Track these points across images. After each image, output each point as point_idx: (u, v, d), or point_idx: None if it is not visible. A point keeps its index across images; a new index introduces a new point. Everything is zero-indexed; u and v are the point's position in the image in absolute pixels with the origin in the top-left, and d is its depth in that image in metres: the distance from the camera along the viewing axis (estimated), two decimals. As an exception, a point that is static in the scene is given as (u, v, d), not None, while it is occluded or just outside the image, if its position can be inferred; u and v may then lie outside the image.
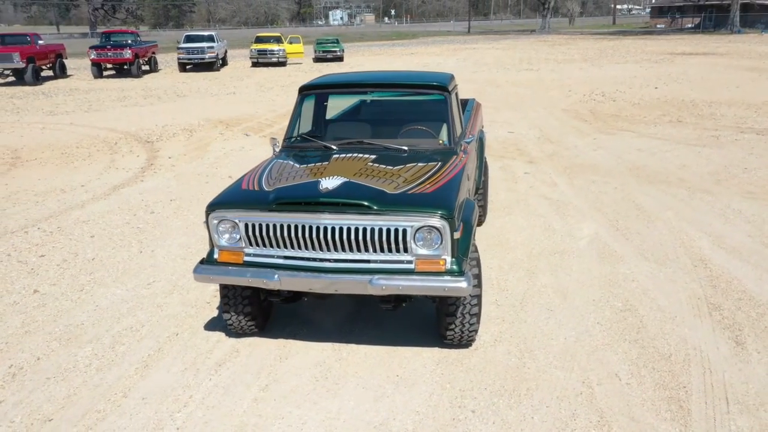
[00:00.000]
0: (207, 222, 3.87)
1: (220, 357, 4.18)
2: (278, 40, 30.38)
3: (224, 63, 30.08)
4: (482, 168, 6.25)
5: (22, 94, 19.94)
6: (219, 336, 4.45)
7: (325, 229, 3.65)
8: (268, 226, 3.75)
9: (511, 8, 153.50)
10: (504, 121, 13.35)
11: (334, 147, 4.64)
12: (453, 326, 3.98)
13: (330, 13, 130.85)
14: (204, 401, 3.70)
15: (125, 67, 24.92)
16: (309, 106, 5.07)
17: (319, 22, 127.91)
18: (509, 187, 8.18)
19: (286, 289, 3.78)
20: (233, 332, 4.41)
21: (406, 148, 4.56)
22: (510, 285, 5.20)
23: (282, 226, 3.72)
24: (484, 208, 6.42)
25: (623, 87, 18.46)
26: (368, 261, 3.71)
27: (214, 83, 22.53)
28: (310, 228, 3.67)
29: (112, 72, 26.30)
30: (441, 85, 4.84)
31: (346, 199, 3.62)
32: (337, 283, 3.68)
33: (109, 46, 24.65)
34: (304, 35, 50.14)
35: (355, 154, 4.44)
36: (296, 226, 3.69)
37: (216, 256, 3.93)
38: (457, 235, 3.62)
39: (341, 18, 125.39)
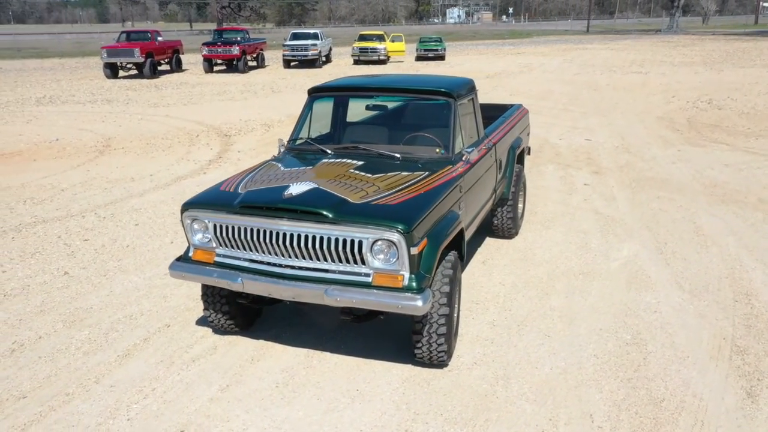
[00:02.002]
0: (182, 220, 3.96)
1: (197, 352, 4.27)
2: (380, 38, 30.70)
3: (328, 60, 30.89)
4: (511, 178, 5.93)
5: (138, 87, 21.60)
6: (205, 332, 4.55)
7: (284, 235, 3.62)
8: (233, 229, 3.78)
9: (640, 6, 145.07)
10: (586, 127, 12.62)
11: (329, 151, 4.59)
12: (420, 344, 3.82)
13: (447, 11, 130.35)
14: (164, 395, 3.79)
15: (234, 62, 26.25)
16: (317, 108, 5.04)
17: (435, 20, 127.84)
18: (561, 198, 7.71)
19: (248, 292, 3.79)
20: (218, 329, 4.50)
21: (398, 155, 4.42)
22: (515, 305, 4.90)
23: (245, 230, 3.73)
24: (513, 221, 6.09)
25: (737, 94, 16.84)
26: (327, 270, 3.63)
27: (311, 80, 23.14)
28: (270, 233, 3.65)
29: (223, 67, 27.82)
30: (445, 91, 4.63)
31: (303, 206, 3.56)
32: (295, 291, 3.64)
33: (219, 43, 26.11)
34: (417, 33, 50.45)
35: (343, 160, 4.36)
36: (258, 231, 3.69)
37: (191, 254, 4.01)
38: (414, 250, 3.45)
39: (458, 16, 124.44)
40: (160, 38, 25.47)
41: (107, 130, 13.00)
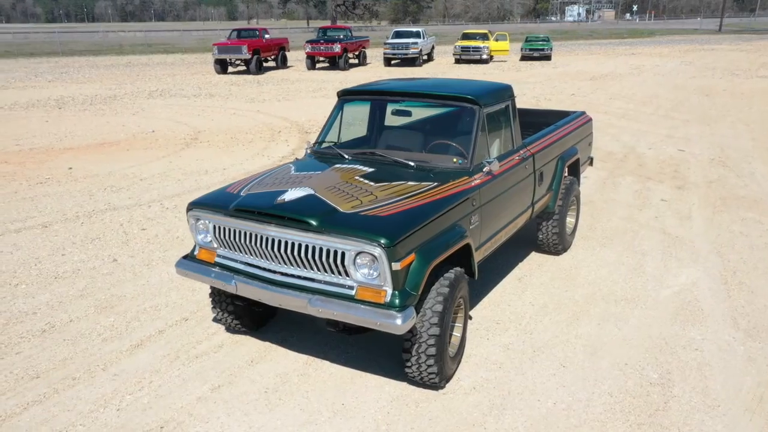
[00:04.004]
0: (187, 219, 4.04)
1: (203, 349, 4.35)
2: (484, 37, 30.11)
3: (429, 59, 30.76)
4: (558, 190, 5.55)
5: (242, 82, 22.63)
6: (217, 329, 4.62)
7: (272, 240, 3.59)
8: (229, 231, 3.80)
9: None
10: (683, 136, 11.63)
11: (347, 156, 4.50)
12: (409, 363, 3.65)
13: (567, 8, 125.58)
14: (158, 389, 3.89)
15: (336, 60, 26.82)
16: (345, 112, 4.96)
17: (553, 18, 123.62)
18: (629, 214, 7.13)
19: (240, 294, 3.80)
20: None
21: (412, 163, 4.24)
22: (539, 328, 4.56)
23: (239, 233, 3.74)
24: (559, 236, 5.69)
25: None
26: (313, 280, 3.56)
27: (408, 79, 23.14)
28: (260, 238, 3.64)
29: (326, 64, 28.48)
30: (470, 98, 4.38)
31: (289, 213, 3.50)
32: (281, 298, 3.59)
33: (322, 41, 26.77)
34: (531, 32, 48.99)
35: (354, 166, 4.26)
36: (249, 234, 3.68)
37: (196, 253, 4.09)
38: (397, 266, 3.28)
39: (578, 14, 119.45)
40: (267, 36, 26.54)
41: (200, 124, 13.70)
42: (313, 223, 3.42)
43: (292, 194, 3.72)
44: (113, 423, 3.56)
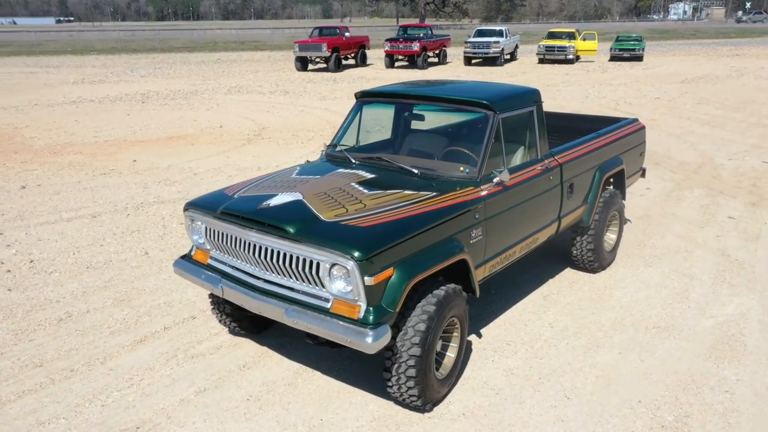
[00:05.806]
0: (185, 219, 4.02)
1: (201, 349, 4.33)
2: (571, 36, 28.93)
3: (512, 58, 29.95)
4: (594, 203, 5.13)
5: (319, 79, 22.93)
6: (220, 330, 4.60)
7: (254, 246, 3.49)
8: (217, 233, 3.74)
9: None
10: (772, 146, 10.59)
11: (354, 161, 4.33)
12: (390, 383, 3.46)
13: (671, 6, 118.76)
14: (147, 387, 3.89)
15: (415, 58, 26.66)
16: (361, 114, 4.81)
17: (654, 17, 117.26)
18: (687, 231, 6.52)
19: (226, 298, 3.73)
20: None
21: (416, 171, 4.01)
22: (552, 352, 4.22)
23: (225, 236, 3.67)
24: (595, 253, 5.26)
25: None
26: (292, 289, 3.43)
27: (484, 78, 22.62)
28: (243, 242, 3.55)
29: (405, 63, 28.37)
30: (485, 103, 4.08)
31: (268, 220, 3.39)
32: (261, 305, 3.49)
33: (401, 39, 26.67)
34: (627, 31, 46.84)
35: (356, 171, 4.09)
36: (234, 238, 3.61)
37: (192, 253, 4.07)
38: (370, 280, 3.09)
39: (683, 12, 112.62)
40: (347, 34, 26.78)
41: (266, 120, 13.96)
42: (291, 230, 3.29)
43: (278, 199, 3.61)
44: (94, 419, 3.59)
